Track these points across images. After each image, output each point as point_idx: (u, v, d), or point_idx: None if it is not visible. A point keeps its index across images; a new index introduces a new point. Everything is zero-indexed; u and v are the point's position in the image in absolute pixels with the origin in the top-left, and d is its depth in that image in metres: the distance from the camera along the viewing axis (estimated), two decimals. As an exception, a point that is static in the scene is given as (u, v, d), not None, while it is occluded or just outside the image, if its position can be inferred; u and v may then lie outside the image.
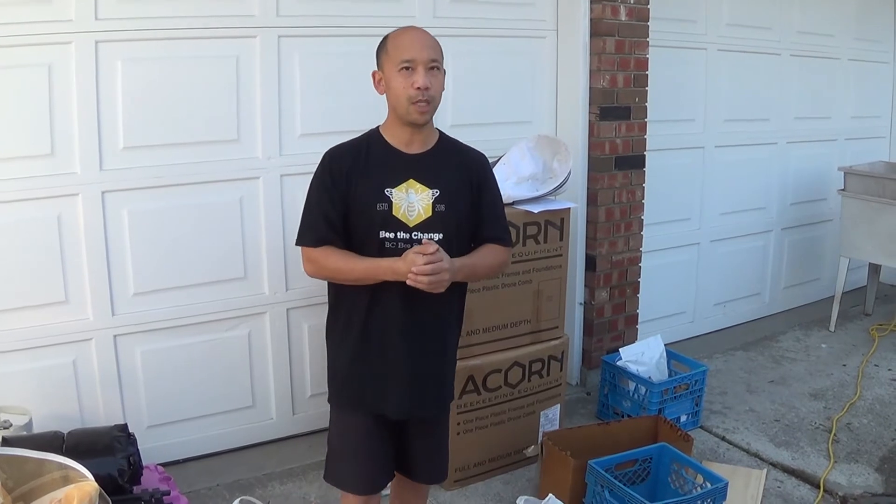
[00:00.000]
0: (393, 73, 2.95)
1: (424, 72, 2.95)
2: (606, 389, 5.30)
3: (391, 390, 3.09)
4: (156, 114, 4.29)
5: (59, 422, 4.00)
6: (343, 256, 2.99)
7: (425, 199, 3.00)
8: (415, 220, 2.99)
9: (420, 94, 2.93)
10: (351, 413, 3.19)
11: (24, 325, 4.12)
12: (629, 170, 5.63)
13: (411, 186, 3.00)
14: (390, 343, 3.06)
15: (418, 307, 3.02)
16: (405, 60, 2.93)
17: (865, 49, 7.55)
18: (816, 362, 6.32)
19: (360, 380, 3.12)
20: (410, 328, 3.06)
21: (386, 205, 2.97)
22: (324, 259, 3.01)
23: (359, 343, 3.09)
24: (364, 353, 3.10)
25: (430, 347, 3.13)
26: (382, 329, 3.06)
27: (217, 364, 4.66)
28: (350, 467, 3.22)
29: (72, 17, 4.01)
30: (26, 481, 2.73)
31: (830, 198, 7.33)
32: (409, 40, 3.00)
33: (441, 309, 3.11)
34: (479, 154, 3.25)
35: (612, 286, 5.71)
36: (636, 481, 4.11)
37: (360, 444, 3.19)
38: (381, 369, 3.08)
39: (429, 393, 3.16)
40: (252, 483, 4.48)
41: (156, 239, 4.39)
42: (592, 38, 5.41)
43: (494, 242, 3.18)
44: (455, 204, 3.04)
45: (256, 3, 4.44)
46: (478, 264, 3.10)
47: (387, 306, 3.03)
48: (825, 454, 4.85)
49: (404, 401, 3.10)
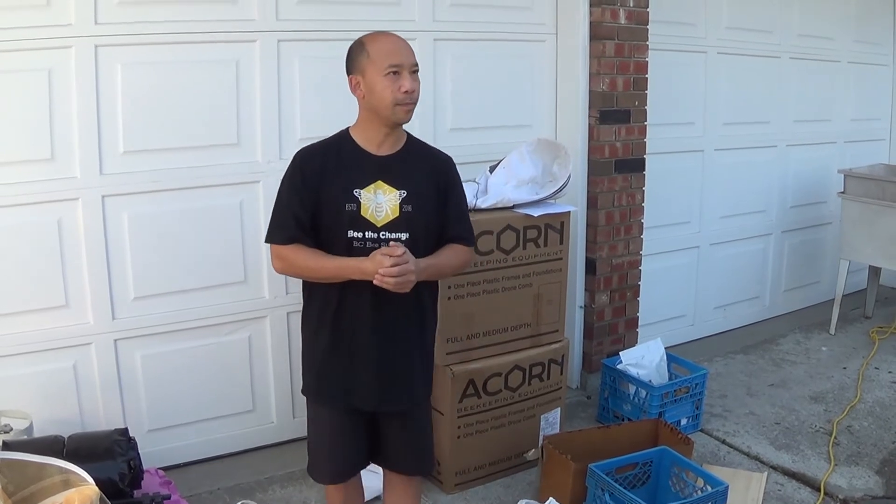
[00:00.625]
0: (378, 77, 3.02)
1: (410, 75, 3.05)
2: (607, 393, 5.30)
3: (360, 384, 3.21)
4: (156, 118, 4.29)
5: (59, 426, 4.00)
6: (312, 255, 3.09)
7: (393, 199, 3.10)
8: (382, 220, 3.08)
9: (408, 97, 3.04)
10: (323, 404, 3.33)
11: (24, 330, 4.12)
12: (629, 173, 5.63)
13: (380, 187, 3.10)
14: (359, 338, 3.17)
15: (386, 305, 3.12)
16: (393, 65, 3.02)
17: (865, 52, 7.55)
18: (817, 365, 6.31)
19: (331, 373, 3.25)
20: (379, 324, 3.16)
21: (354, 205, 3.07)
22: (293, 257, 3.10)
23: (330, 338, 3.20)
24: (335, 348, 3.21)
25: (398, 343, 3.22)
26: (352, 325, 3.17)
27: (217, 368, 4.66)
28: (320, 457, 3.40)
29: (72, 21, 4.01)
30: (27, 485, 2.73)
31: (830, 200, 7.33)
32: (395, 46, 3.08)
33: (409, 306, 3.19)
34: (446, 157, 3.36)
35: (612, 289, 5.71)
36: (637, 485, 4.11)
37: (331, 435, 3.34)
38: (351, 363, 3.20)
39: (397, 387, 3.25)
40: (253, 487, 4.48)
41: (156, 243, 4.39)
42: (592, 42, 5.41)
43: (458, 242, 3.28)
44: (422, 205, 3.14)
45: (256, 7, 4.45)
46: (443, 264, 3.21)
47: (356, 303, 3.13)
48: (826, 457, 4.85)
49: (373, 394, 3.22)
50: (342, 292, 3.11)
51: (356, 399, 3.22)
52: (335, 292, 3.12)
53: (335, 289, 3.11)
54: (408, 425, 3.35)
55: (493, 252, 4.45)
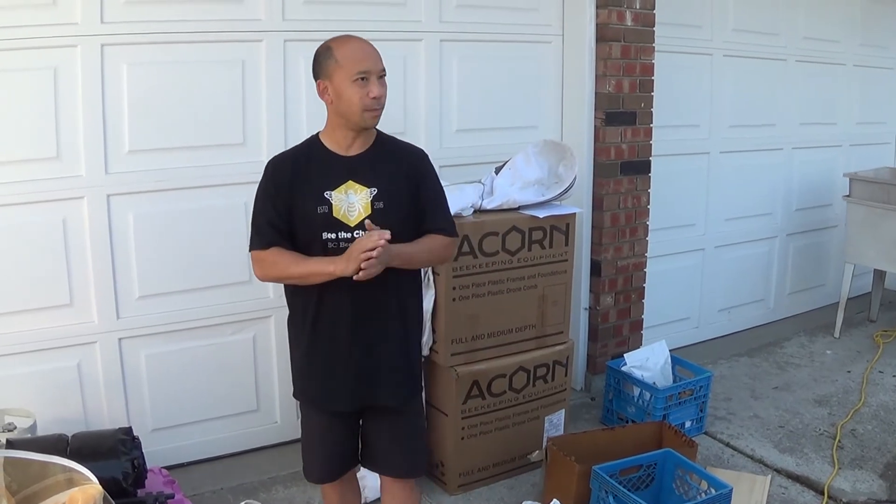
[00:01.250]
0: (346, 83, 3.05)
1: (378, 81, 3.07)
2: (611, 395, 5.29)
3: (341, 384, 3.23)
4: (161, 117, 4.30)
5: (63, 425, 4.00)
6: (289, 257, 3.11)
7: (364, 198, 3.12)
8: (355, 219, 3.11)
9: (375, 102, 3.07)
10: (310, 406, 3.38)
11: (28, 328, 4.13)
12: (635, 175, 5.63)
13: (350, 188, 3.12)
14: (339, 337, 3.19)
15: (365, 304, 3.16)
16: (361, 72, 3.05)
17: (871, 55, 7.54)
18: (821, 368, 6.31)
19: (314, 374, 3.28)
20: (358, 324, 3.18)
21: (326, 207, 3.09)
22: (271, 260, 3.13)
23: (311, 339, 3.24)
24: (315, 349, 3.25)
25: (378, 343, 3.23)
26: (332, 326, 3.19)
27: (222, 368, 4.67)
28: (309, 457, 3.45)
29: (77, 20, 4.02)
30: (30, 484, 2.72)
31: (836, 203, 7.33)
32: (363, 52, 3.10)
33: (389, 305, 3.22)
34: (416, 149, 3.37)
35: (617, 291, 5.70)
36: (640, 487, 4.10)
37: (319, 436, 3.39)
38: (331, 363, 3.23)
39: (379, 387, 3.25)
40: (256, 487, 4.48)
41: (161, 242, 4.40)
42: (598, 44, 5.40)
43: (437, 233, 3.26)
44: (393, 199, 3.15)
45: (262, 7, 4.45)
46: (414, 252, 3.18)
47: (335, 304, 3.16)
48: (829, 460, 4.84)
49: (354, 394, 3.24)
50: (321, 294, 3.14)
51: (338, 399, 3.25)
52: (314, 294, 3.15)
53: (314, 290, 3.14)
54: (395, 426, 3.35)
55: (499, 253, 4.45)
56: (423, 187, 3.24)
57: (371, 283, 3.00)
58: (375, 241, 2.90)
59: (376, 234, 2.92)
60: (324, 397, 3.27)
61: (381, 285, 3.06)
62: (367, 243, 2.90)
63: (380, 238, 2.91)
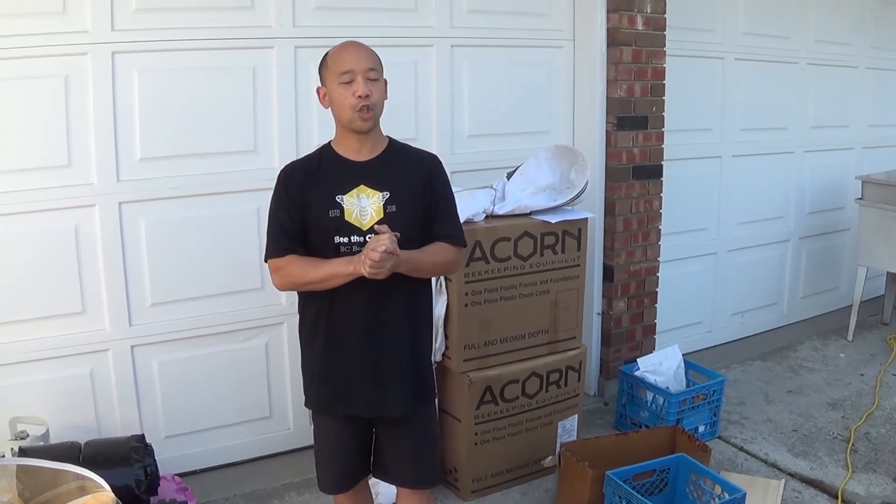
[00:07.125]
0: (335, 85, 3.07)
1: (363, 80, 3.05)
2: (624, 400, 5.28)
3: (353, 390, 3.21)
4: (173, 125, 4.31)
5: (76, 432, 4.01)
6: (308, 262, 3.11)
7: (376, 201, 3.11)
8: (367, 223, 3.09)
9: (361, 101, 3.04)
10: (323, 414, 3.36)
11: (41, 336, 4.13)
12: (646, 179, 5.62)
13: (362, 192, 3.11)
14: (352, 343, 3.18)
15: (377, 309, 3.14)
16: (344, 72, 3.05)
17: (883, 57, 7.53)
18: (834, 372, 6.29)
19: (327, 381, 3.25)
20: (370, 329, 3.16)
21: (338, 211, 3.09)
22: (290, 267, 3.12)
23: (324, 345, 3.22)
24: (327, 354, 3.22)
25: (390, 348, 3.20)
26: (343, 331, 3.18)
27: (234, 375, 4.67)
28: (322, 468, 3.43)
29: (88, 28, 4.03)
30: (42, 492, 2.72)
31: (848, 207, 7.31)
32: (347, 53, 3.11)
33: (401, 310, 3.20)
34: (430, 155, 3.36)
35: (629, 296, 5.69)
36: (654, 492, 4.09)
37: (330, 444, 3.38)
38: (346, 369, 3.20)
39: (391, 393, 3.22)
40: (269, 493, 4.49)
41: (173, 249, 4.41)
42: (609, 48, 5.40)
43: (444, 240, 3.24)
44: (405, 203, 3.14)
45: (273, 14, 4.46)
46: (422, 259, 3.16)
47: (346, 308, 3.15)
48: (843, 464, 4.82)
49: (366, 400, 3.22)
50: (332, 298, 3.13)
51: (350, 406, 3.23)
52: (326, 299, 3.14)
53: (326, 298, 3.14)
54: (406, 433, 3.32)
55: (511, 258, 4.44)
56: (435, 192, 3.23)
57: (381, 290, 3.02)
58: (388, 237, 2.89)
59: (388, 234, 2.92)
60: (338, 401, 3.24)
61: (391, 292, 3.07)
62: (382, 238, 2.89)
63: (391, 236, 2.91)
